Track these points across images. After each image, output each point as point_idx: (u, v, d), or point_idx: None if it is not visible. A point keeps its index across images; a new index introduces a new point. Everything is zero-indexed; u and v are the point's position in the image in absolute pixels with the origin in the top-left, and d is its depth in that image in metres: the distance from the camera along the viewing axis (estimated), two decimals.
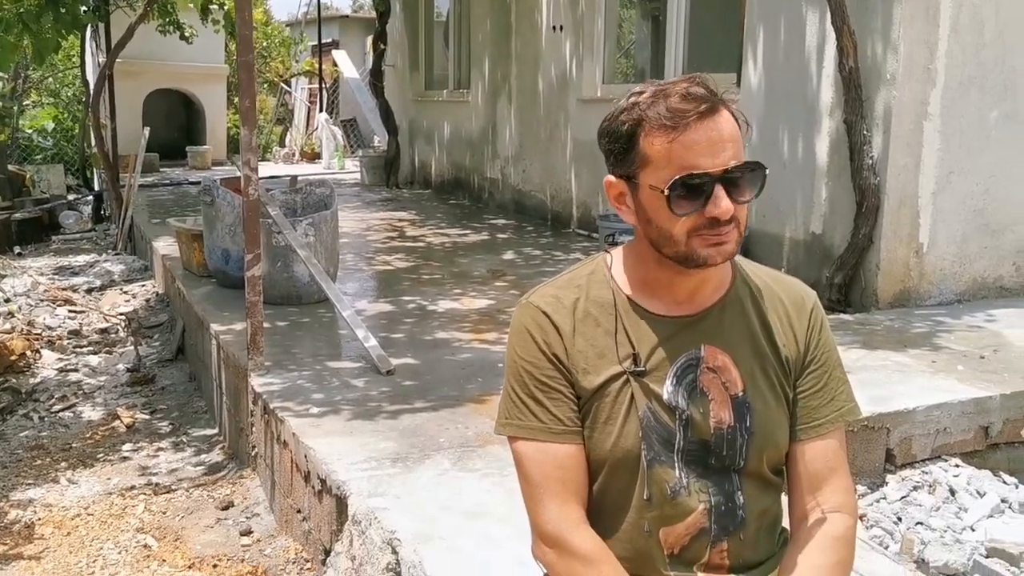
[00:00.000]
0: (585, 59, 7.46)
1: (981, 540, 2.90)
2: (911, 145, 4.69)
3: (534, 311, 1.47)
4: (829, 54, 4.92)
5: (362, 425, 3.12)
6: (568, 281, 1.51)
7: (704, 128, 1.32)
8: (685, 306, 1.46)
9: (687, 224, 1.35)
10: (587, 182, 7.51)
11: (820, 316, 1.53)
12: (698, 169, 1.32)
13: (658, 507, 1.43)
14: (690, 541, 1.43)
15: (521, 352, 1.46)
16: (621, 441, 1.42)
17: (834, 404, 1.50)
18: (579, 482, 1.44)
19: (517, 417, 1.46)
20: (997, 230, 5.00)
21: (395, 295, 5.22)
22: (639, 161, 1.37)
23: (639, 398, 1.42)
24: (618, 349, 1.44)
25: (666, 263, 1.41)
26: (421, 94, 11.32)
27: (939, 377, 3.68)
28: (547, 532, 1.43)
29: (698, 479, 1.43)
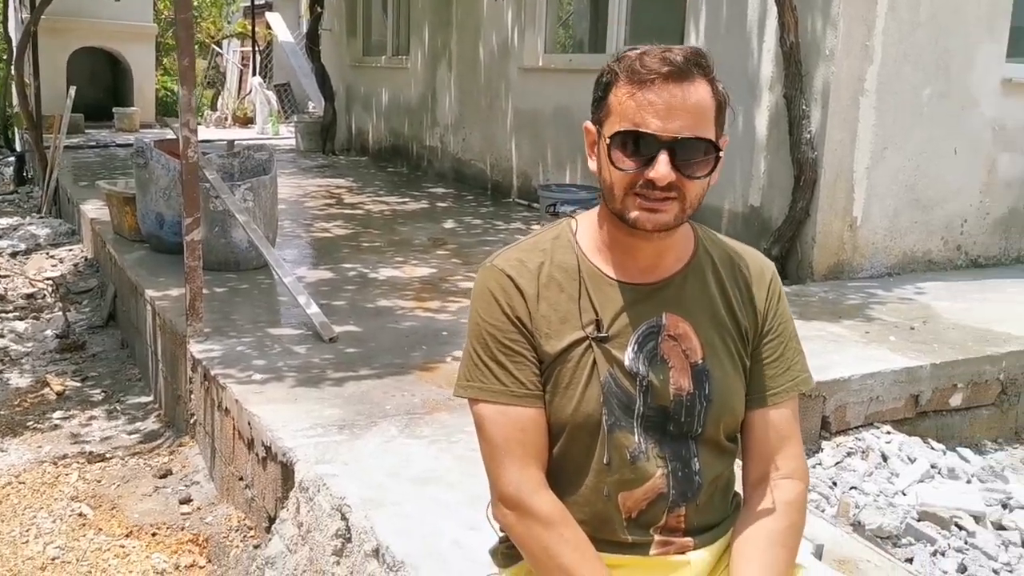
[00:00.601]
0: (527, 28, 7.42)
1: (912, 504, 3.01)
2: (847, 120, 4.78)
3: (498, 274, 1.46)
4: (770, 29, 4.98)
5: (306, 392, 3.09)
6: (533, 245, 1.51)
7: (666, 91, 1.32)
8: (648, 274, 1.47)
9: (625, 180, 1.36)
10: (528, 152, 7.49)
11: (778, 288, 1.56)
12: (645, 128, 1.33)
13: (617, 471, 1.44)
14: (648, 506, 1.45)
15: (484, 315, 1.46)
16: (582, 406, 1.43)
17: (789, 374, 1.53)
18: (540, 445, 1.45)
19: (479, 379, 1.45)
20: (927, 205, 5.14)
21: (335, 262, 5.16)
22: (605, 110, 1.39)
23: (601, 364, 1.43)
24: (581, 315, 1.44)
25: (616, 221, 1.42)
26: (359, 60, 11.13)
27: (872, 347, 3.78)
28: (507, 494, 1.43)
29: (656, 445, 1.45)
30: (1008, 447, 3.87)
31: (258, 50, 17.61)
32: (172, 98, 18.56)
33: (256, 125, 15.08)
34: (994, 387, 3.85)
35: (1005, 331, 4.08)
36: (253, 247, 4.74)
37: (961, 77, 5.06)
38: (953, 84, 5.04)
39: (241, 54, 19.37)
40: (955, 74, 5.03)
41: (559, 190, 6.16)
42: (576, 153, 6.81)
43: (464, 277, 4.90)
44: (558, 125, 7.03)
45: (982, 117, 5.20)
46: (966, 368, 3.74)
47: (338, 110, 11.13)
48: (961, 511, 2.99)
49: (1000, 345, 3.89)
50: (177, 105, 11.70)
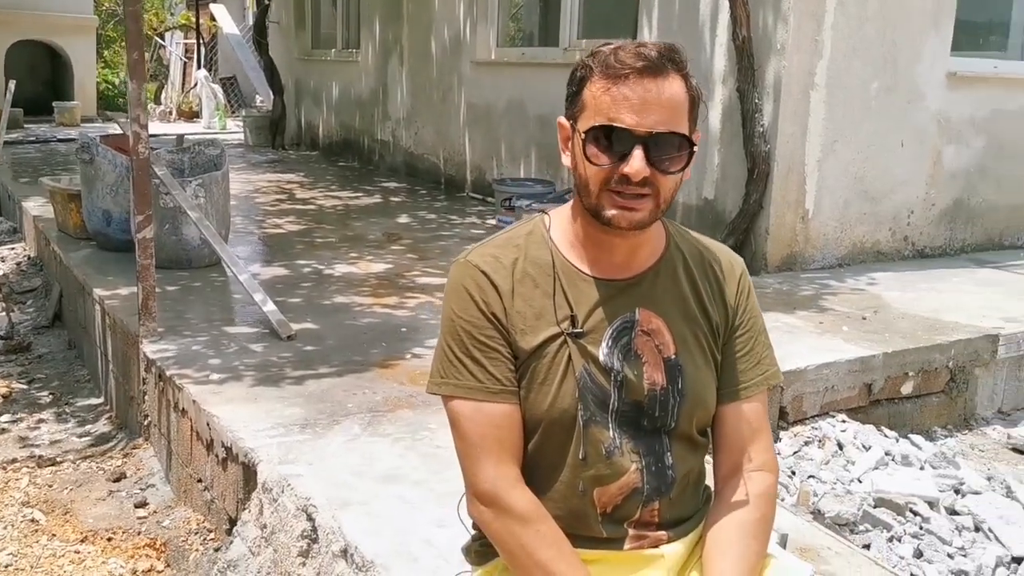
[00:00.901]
0: (479, 22, 7.40)
1: (868, 491, 3.06)
2: (798, 114, 4.85)
3: (472, 270, 1.45)
4: (722, 23, 5.02)
5: (266, 391, 3.04)
6: (507, 240, 1.50)
7: (640, 86, 1.33)
8: (621, 269, 1.47)
9: (600, 175, 1.36)
10: (481, 146, 7.47)
11: (748, 283, 1.57)
12: (620, 123, 1.33)
13: (593, 466, 1.44)
14: (623, 501, 1.46)
15: (459, 311, 1.45)
16: (558, 401, 1.42)
17: (759, 368, 1.54)
18: (515, 442, 1.44)
19: (454, 376, 1.44)
20: (875, 197, 5.24)
21: (289, 259, 5.10)
22: (580, 106, 1.39)
23: (576, 359, 1.43)
24: (556, 310, 1.44)
25: (590, 217, 1.42)
26: (308, 53, 11.00)
27: (826, 337, 3.84)
28: (483, 491, 1.43)
29: (631, 440, 1.45)
30: (957, 433, 3.97)
31: (203, 42, 17.30)
32: (114, 92, 18.18)
33: (202, 119, 14.83)
34: (943, 375, 3.94)
35: (953, 320, 4.17)
36: (205, 244, 4.66)
37: (908, 71, 5.15)
38: (900, 78, 5.14)
39: (184, 46, 19.01)
40: (902, 68, 5.13)
41: (514, 184, 6.16)
42: (530, 147, 6.81)
43: (421, 272, 4.87)
44: (511, 119, 7.02)
45: (928, 110, 5.31)
46: (916, 357, 3.82)
47: (287, 104, 10.99)
48: (915, 497, 3.06)
49: (948, 334, 3.98)
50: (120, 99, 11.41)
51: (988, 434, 3.99)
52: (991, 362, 4.04)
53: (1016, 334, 4.07)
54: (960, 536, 2.95)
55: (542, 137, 6.58)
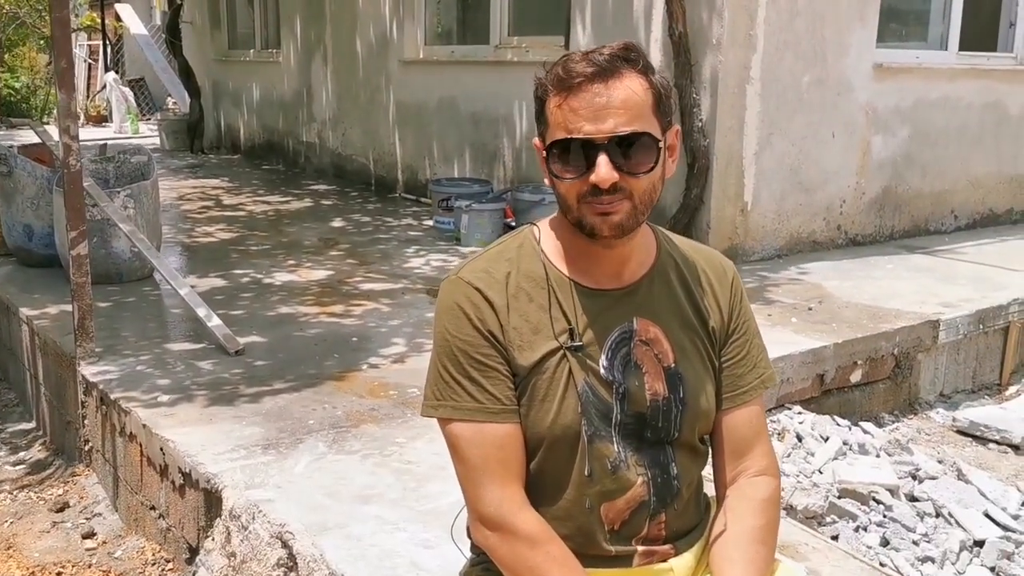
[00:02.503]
0: (406, 20, 7.29)
1: (831, 482, 3.10)
2: (735, 108, 4.90)
3: (465, 287, 1.40)
4: (657, 19, 5.03)
5: (222, 411, 2.92)
6: (498, 254, 1.45)
7: (591, 93, 1.29)
8: (614, 279, 1.44)
9: (574, 189, 1.33)
10: (412, 146, 7.37)
11: (740, 286, 1.56)
12: (579, 134, 1.30)
13: (599, 482, 1.41)
14: (631, 515, 1.42)
15: (454, 330, 1.39)
16: (560, 418, 1.38)
17: (756, 371, 1.53)
18: (519, 462, 1.40)
19: (451, 398, 1.39)
20: (810, 188, 5.33)
21: (225, 269, 4.93)
22: (544, 123, 1.37)
23: (577, 373, 1.39)
24: (553, 324, 1.40)
25: (576, 231, 1.39)
26: (225, 54, 10.70)
27: (777, 330, 3.88)
28: (488, 516, 1.37)
29: (635, 453, 1.42)
30: (903, 418, 4.06)
31: (109, 44, 16.71)
32: (16, 97, 17.44)
33: (113, 124, 14.32)
34: (889, 362, 4.02)
35: (894, 307, 4.26)
36: (137, 257, 4.48)
37: (837, 63, 5.25)
38: (830, 70, 5.23)
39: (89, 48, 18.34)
40: (831, 61, 5.22)
41: (450, 184, 6.08)
42: (463, 146, 6.74)
43: (363, 278, 4.76)
44: (443, 118, 6.93)
45: (856, 101, 5.42)
46: (864, 345, 3.89)
47: (205, 106, 10.67)
48: (877, 485, 3.11)
49: (892, 321, 4.07)
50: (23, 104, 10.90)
51: (932, 418, 4.10)
52: (932, 347, 4.15)
53: (955, 319, 4.19)
54: (923, 522, 3.01)
55: (476, 136, 6.52)
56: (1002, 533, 3.01)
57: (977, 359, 4.39)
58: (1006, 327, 4.41)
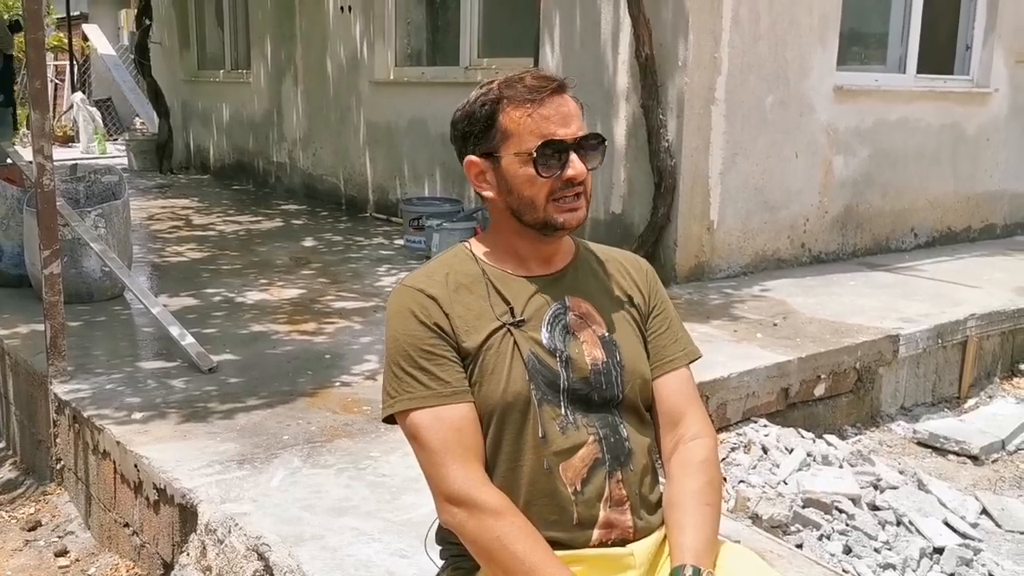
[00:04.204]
0: (376, 41, 7.36)
1: (796, 492, 3.17)
2: (701, 128, 5.00)
3: (408, 291, 1.55)
4: (624, 41, 5.14)
5: (196, 428, 2.94)
6: (435, 265, 1.63)
7: (556, 103, 1.51)
8: (544, 268, 1.61)
9: (546, 188, 1.51)
10: (383, 166, 7.42)
11: (654, 273, 1.75)
12: (556, 136, 1.50)
13: (553, 443, 1.51)
14: (588, 473, 1.52)
15: (402, 330, 1.53)
16: (510, 385, 1.51)
17: (679, 344, 1.68)
18: (476, 441, 1.50)
19: (406, 391, 1.50)
20: (774, 207, 5.44)
21: (196, 288, 4.94)
22: (500, 136, 1.53)
23: (522, 345, 1.53)
24: (493, 308, 1.55)
25: (525, 232, 1.57)
26: (194, 74, 10.70)
27: (743, 345, 3.97)
28: (454, 493, 1.46)
29: (584, 415, 1.54)
30: (866, 431, 4.16)
31: (76, 64, 16.62)
32: None
33: (80, 144, 14.23)
34: (851, 376, 4.12)
35: (856, 323, 4.37)
36: (107, 276, 4.49)
37: (798, 85, 5.39)
38: (792, 92, 5.36)
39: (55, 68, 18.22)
40: (793, 82, 5.36)
41: (421, 203, 6.14)
42: (434, 166, 6.80)
43: (335, 297, 4.80)
44: (414, 138, 7.00)
45: (818, 122, 5.55)
46: (827, 359, 3.98)
47: (174, 127, 10.65)
48: (839, 495, 3.19)
49: (854, 336, 4.17)
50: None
51: (894, 430, 4.20)
52: (893, 361, 4.25)
53: (914, 333, 4.30)
54: (884, 531, 3.09)
55: (446, 156, 6.58)
56: (961, 541, 3.10)
57: (936, 373, 4.50)
58: (964, 341, 4.53)
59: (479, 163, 1.56)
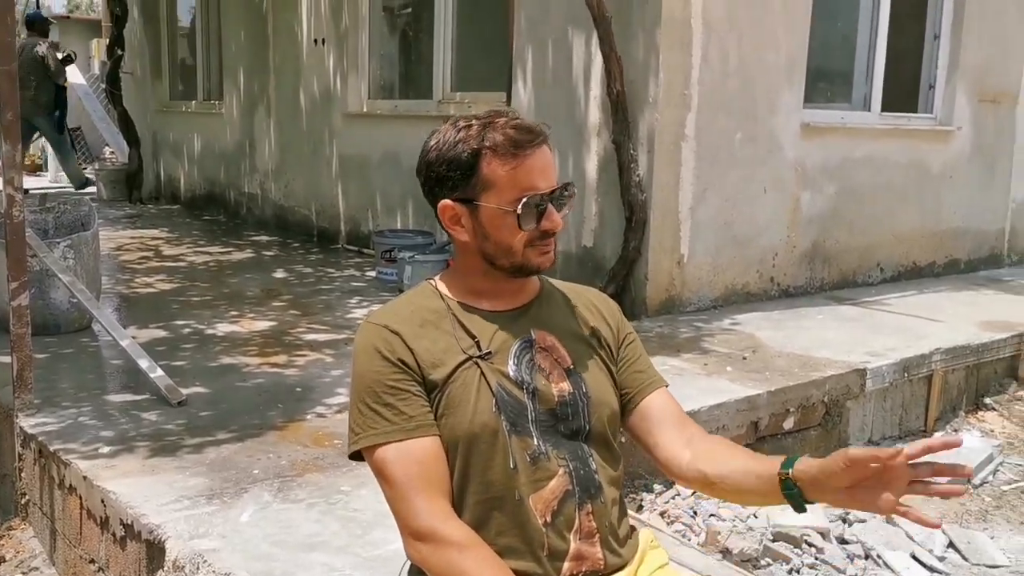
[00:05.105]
0: (349, 74, 7.40)
1: (766, 526, 3.19)
2: (672, 164, 5.07)
3: (374, 327, 1.57)
4: (595, 77, 5.21)
5: (164, 462, 2.91)
6: (400, 301, 1.66)
7: (539, 156, 1.54)
8: (509, 303, 1.65)
9: (525, 238, 1.55)
10: (355, 198, 7.44)
11: (619, 308, 1.79)
12: (537, 190, 1.53)
13: (524, 474, 1.52)
14: (558, 504, 1.53)
15: (367, 367, 1.54)
16: (477, 416, 1.52)
17: (652, 372, 1.72)
18: (441, 476, 1.51)
19: (370, 427, 1.51)
20: (743, 241, 5.51)
21: (166, 319, 4.90)
22: (481, 185, 1.54)
23: (489, 376, 1.54)
24: (459, 342, 1.57)
25: (494, 274, 1.60)
26: (166, 104, 10.69)
27: (713, 378, 4.00)
28: (418, 528, 1.47)
29: (554, 447, 1.55)
30: None
31: None
32: None
33: (48, 173, 14.11)
34: (820, 409, 4.16)
35: (824, 356, 4.42)
36: (75, 307, 4.45)
37: (767, 122, 5.48)
38: (760, 129, 5.46)
39: None
40: (761, 119, 5.45)
41: (393, 236, 6.15)
42: (406, 199, 6.82)
43: (306, 329, 4.78)
44: (386, 171, 7.02)
45: (785, 159, 5.65)
46: (796, 393, 4.02)
47: (144, 156, 10.61)
48: (809, 529, 3.21)
49: (822, 369, 4.21)
50: None
51: None
52: (860, 395, 4.30)
53: (881, 367, 4.35)
54: (853, 564, 3.12)
55: (418, 189, 6.51)
56: (928, 574, 3.13)
57: (903, 406, 4.56)
58: (929, 375, 4.60)
59: (455, 208, 1.57)
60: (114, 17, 10.54)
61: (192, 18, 10.39)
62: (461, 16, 6.74)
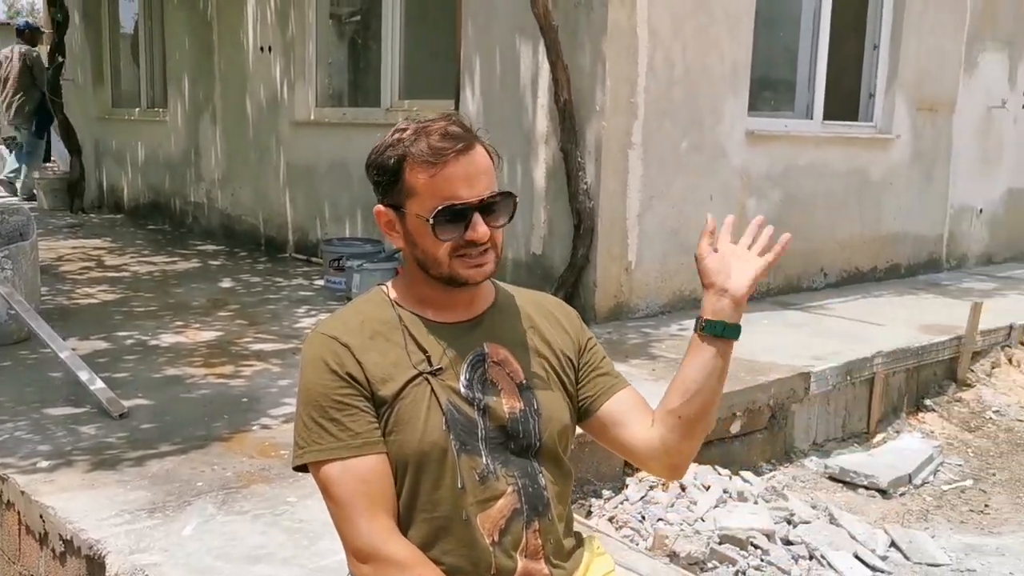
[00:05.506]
0: (297, 82, 7.34)
1: (713, 529, 3.23)
2: (619, 172, 5.11)
3: (322, 338, 1.54)
4: (543, 86, 5.24)
5: (105, 476, 2.85)
6: (350, 311, 1.62)
7: (462, 163, 1.49)
8: (462, 314, 1.61)
9: (449, 248, 1.51)
10: (303, 206, 7.37)
11: (577, 315, 1.78)
12: (458, 199, 1.49)
13: (472, 493, 1.51)
14: (506, 524, 1.52)
15: (315, 379, 1.51)
16: (427, 435, 1.50)
17: (615, 373, 1.73)
18: (385, 494, 1.49)
19: (315, 442, 1.49)
20: (690, 248, 5.47)
21: (108, 331, 4.81)
22: (405, 192, 1.52)
23: (440, 394, 1.52)
24: (410, 356, 1.54)
25: (432, 282, 1.56)
26: (108, 112, 10.49)
27: (661, 384, 3.98)
28: (360, 548, 1.45)
29: (503, 464, 1.54)
30: (780, 467, 4.25)
31: None
32: None
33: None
34: (765, 413, 4.22)
35: (769, 360, 4.48)
36: (12, 319, 4.35)
37: (712, 130, 5.55)
38: (706, 136, 5.53)
39: None
40: (707, 127, 5.52)
41: (342, 244, 6.11)
42: (355, 207, 6.79)
43: (253, 339, 4.72)
44: (334, 179, 6.97)
45: (731, 166, 5.73)
46: (742, 397, 4.07)
47: (86, 165, 10.40)
48: (755, 531, 3.25)
49: (767, 374, 4.27)
50: None
51: (807, 465, 4.30)
52: (805, 398, 4.37)
53: (824, 371, 4.43)
54: (797, 565, 3.16)
55: (366, 197, 6.51)
56: (870, 574, 3.19)
57: (846, 409, 4.64)
58: (871, 378, 4.69)
59: (387, 213, 1.56)
60: (55, 23, 10.30)
61: (135, 24, 10.23)
62: (409, 24, 6.73)
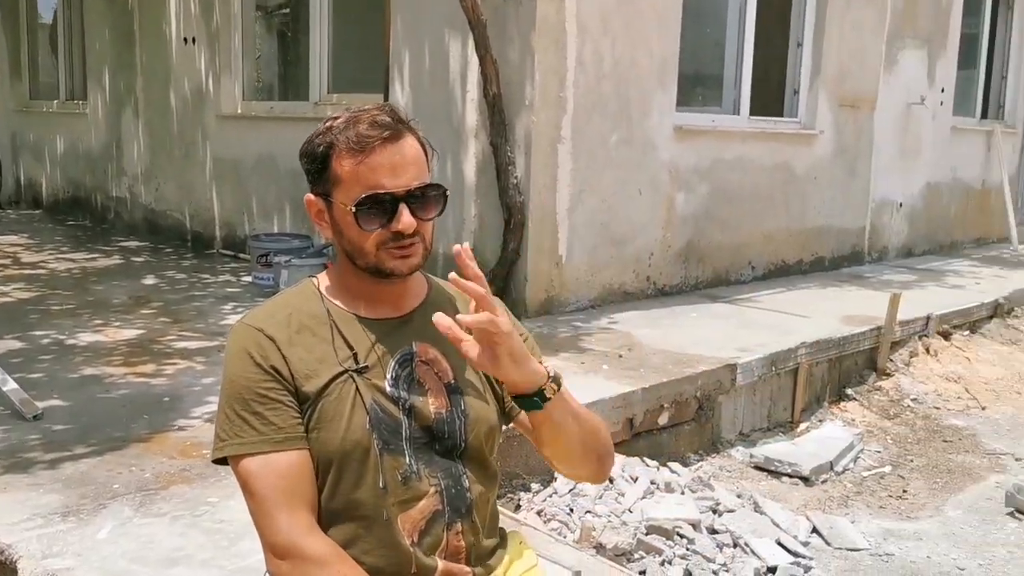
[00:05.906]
0: (223, 74, 7.20)
1: (640, 520, 3.25)
2: (548, 166, 5.12)
3: (247, 329, 1.51)
4: (472, 80, 5.22)
5: (16, 479, 2.76)
6: (279, 302, 1.58)
7: (388, 152, 1.46)
8: (393, 310, 1.58)
9: (375, 238, 1.48)
10: (230, 201, 7.24)
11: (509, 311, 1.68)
12: (382, 189, 1.46)
13: (393, 494, 1.49)
14: (427, 525, 1.50)
15: (238, 371, 1.48)
16: (350, 434, 1.47)
17: None
18: (306, 490, 1.47)
19: (237, 435, 1.46)
20: (620, 242, 5.61)
21: (22, 330, 4.65)
22: (332, 181, 1.49)
23: (364, 393, 1.49)
24: (336, 352, 1.51)
25: (360, 274, 1.53)
26: (25, 104, 10.18)
27: (590, 376, 4.05)
28: (278, 544, 1.43)
29: (426, 465, 1.52)
30: (707, 457, 4.30)
31: None
32: None
33: None
34: (693, 404, 4.27)
35: (697, 353, 4.54)
36: None
37: (641, 124, 5.60)
38: (635, 130, 5.57)
39: None
40: (636, 122, 5.56)
41: (269, 239, 6.01)
42: (283, 201, 6.68)
43: (177, 337, 4.62)
44: (262, 174, 6.86)
45: (660, 160, 5.78)
46: (670, 389, 4.11)
47: (3, 159, 10.07)
48: (681, 521, 3.29)
49: (694, 366, 4.33)
50: None
51: (733, 455, 4.36)
52: (731, 389, 4.44)
53: (750, 362, 4.50)
54: (722, 553, 3.21)
55: (295, 192, 6.48)
56: (792, 559, 3.25)
57: (771, 399, 4.72)
58: (795, 368, 4.78)
59: (316, 202, 1.54)
60: None
61: (54, 14, 9.94)
62: (338, 17, 6.65)
